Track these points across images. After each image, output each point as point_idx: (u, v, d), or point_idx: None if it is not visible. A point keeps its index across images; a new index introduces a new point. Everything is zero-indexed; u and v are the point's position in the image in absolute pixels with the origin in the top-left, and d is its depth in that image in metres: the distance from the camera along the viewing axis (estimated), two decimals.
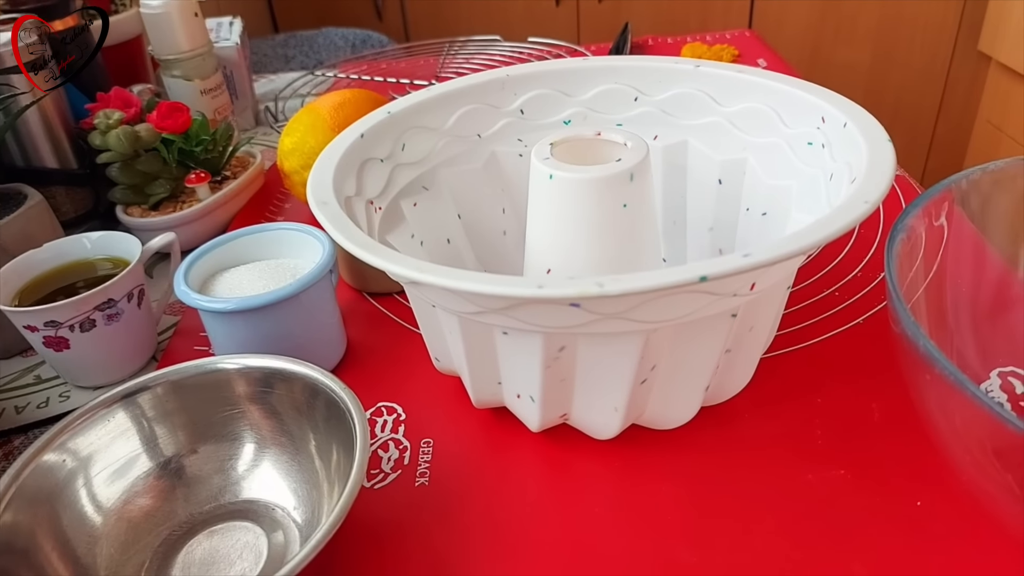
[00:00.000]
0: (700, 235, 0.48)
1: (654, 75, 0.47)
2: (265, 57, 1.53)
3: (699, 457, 0.39)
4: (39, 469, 0.35)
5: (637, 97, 0.47)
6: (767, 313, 0.37)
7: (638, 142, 0.39)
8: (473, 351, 0.37)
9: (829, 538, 0.34)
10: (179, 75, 0.76)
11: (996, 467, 0.29)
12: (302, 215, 0.65)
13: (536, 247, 0.40)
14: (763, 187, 0.43)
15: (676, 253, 0.49)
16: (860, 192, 0.31)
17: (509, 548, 0.35)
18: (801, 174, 0.41)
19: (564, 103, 0.48)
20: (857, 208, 0.30)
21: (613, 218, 0.38)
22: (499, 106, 0.48)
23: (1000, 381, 0.39)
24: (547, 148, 0.39)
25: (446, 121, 0.47)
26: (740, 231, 0.45)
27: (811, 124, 0.40)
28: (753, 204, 0.44)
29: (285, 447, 0.39)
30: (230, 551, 0.36)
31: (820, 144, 0.39)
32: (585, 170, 0.37)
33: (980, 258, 0.40)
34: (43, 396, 0.49)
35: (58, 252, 0.50)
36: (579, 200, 0.38)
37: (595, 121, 0.48)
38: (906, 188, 0.62)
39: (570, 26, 1.89)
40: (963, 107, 1.80)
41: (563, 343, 0.34)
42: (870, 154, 0.34)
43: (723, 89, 0.45)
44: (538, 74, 0.48)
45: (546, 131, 0.48)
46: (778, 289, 0.37)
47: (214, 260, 0.48)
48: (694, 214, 0.48)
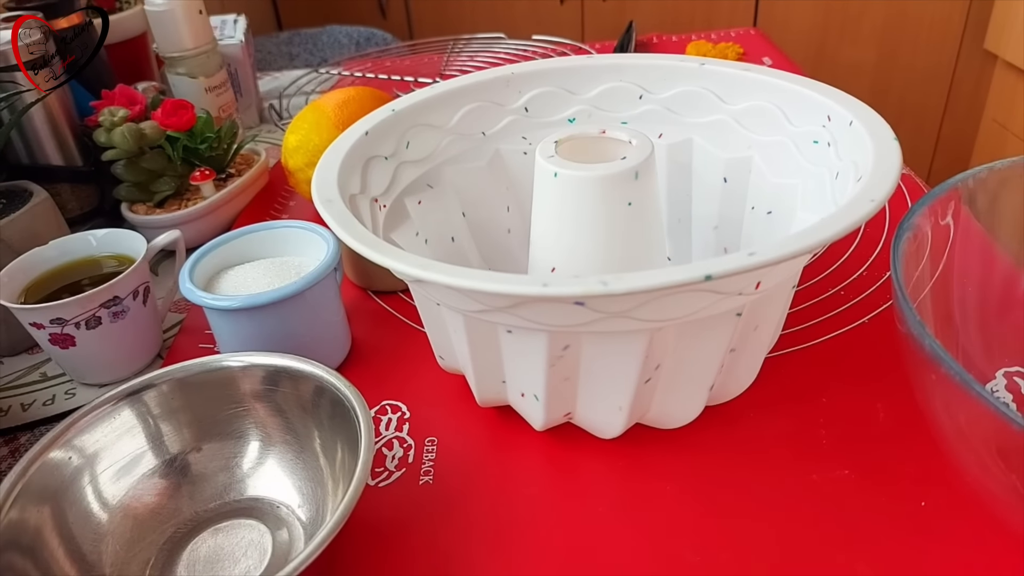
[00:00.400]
0: (705, 233, 0.48)
1: (659, 73, 0.47)
2: (269, 55, 1.53)
3: (703, 457, 0.39)
4: (45, 466, 0.35)
5: (642, 95, 0.47)
6: (772, 312, 0.37)
7: (643, 140, 0.39)
8: (477, 349, 0.37)
9: (833, 538, 0.34)
10: (184, 73, 0.76)
11: (1001, 467, 0.29)
12: (306, 213, 0.65)
13: (541, 245, 0.40)
14: (768, 185, 0.43)
15: (681, 251, 0.49)
16: (866, 191, 0.31)
17: (513, 546, 0.35)
18: (806, 172, 0.40)
19: (569, 101, 0.48)
20: (863, 207, 0.30)
21: (618, 216, 0.38)
22: (504, 104, 0.48)
23: (1006, 381, 0.39)
24: (552, 146, 0.39)
25: (450, 119, 0.47)
26: (745, 229, 0.45)
27: (817, 122, 0.40)
28: (758, 203, 0.44)
29: (290, 445, 0.39)
30: (235, 549, 0.36)
31: (826, 142, 0.39)
32: (590, 168, 0.37)
33: (986, 257, 0.40)
34: (49, 393, 0.49)
35: (64, 249, 0.50)
36: (584, 198, 0.38)
37: (600, 119, 0.48)
38: (912, 187, 0.61)
39: (574, 24, 1.89)
40: (969, 106, 1.80)
41: (567, 342, 0.34)
42: (876, 152, 0.34)
43: (728, 87, 0.45)
44: (543, 72, 0.48)
45: (551, 129, 0.48)
46: (783, 288, 0.37)
47: (219, 258, 0.48)
48: (699, 212, 0.48)
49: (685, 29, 1.72)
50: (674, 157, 0.47)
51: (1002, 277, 0.40)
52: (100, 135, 0.60)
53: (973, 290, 0.39)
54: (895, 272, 0.32)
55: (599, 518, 0.36)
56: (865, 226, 0.56)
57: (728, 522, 0.35)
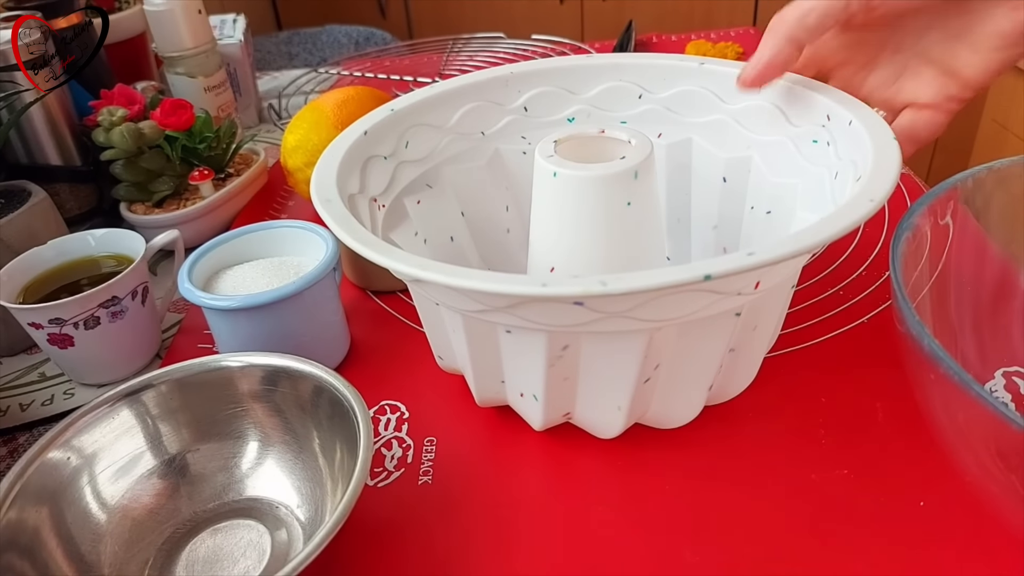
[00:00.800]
0: (704, 233, 0.48)
1: (658, 72, 0.47)
2: (269, 54, 1.53)
3: (702, 457, 0.39)
4: (44, 466, 0.35)
5: (641, 95, 0.47)
6: (771, 312, 0.37)
7: (642, 140, 0.39)
8: (476, 349, 0.37)
9: (832, 538, 0.34)
10: (183, 72, 0.76)
11: (1000, 467, 0.29)
12: (306, 212, 0.65)
13: (540, 245, 0.40)
14: (768, 185, 0.43)
15: (680, 251, 0.49)
16: (865, 191, 0.31)
17: (512, 546, 0.35)
18: (806, 172, 0.40)
19: (568, 100, 0.48)
20: (862, 207, 0.30)
21: (617, 216, 0.38)
22: (503, 103, 0.48)
23: (1004, 381, 0.39)
24: (551, 146, 0.39)
25: (450, 119, 0.47)
26: (745, 229, 0.45)
27: (816, 122, 0.40)
28: (758, 202, 0.44)
29: (289, 445, 0.39)
30: (234, 549, 0.36)
31: (825, 142, 0.39)
32: (589, 168, 0.37)
33: (985, 257, 0.40)
34: (48, 393, 0.49)
35: (62, 249, 0.50)
36: (583, 198, 0.37)
37: (599, 119, 0.48)
38: (911, 186, 0.61)
39: (574, 24, 1.89)
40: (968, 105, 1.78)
41: (566, 342, 0.34)
42: (875, 152, 0.34)
43: (727, 87, 0.44)
44: (542, 71, 0.48)
45: (550, 128, 0.48)
46: (782, 288, 0.37)
47: (218, 258, 0.48)
48: (698, 212, 0.48)
49: (684, 28, 1.72)
50: (673, 157, 0.47)
51: (1001, 277, 0.40)
52: (99, 135, 0.60)
53: (972, 290, 0.39)
54: (894, 272, 0.32)
55: (598, 518, 0.36)
56: (864, 226, 0.56)
57: (727, 522, 0.35)
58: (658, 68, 0.47)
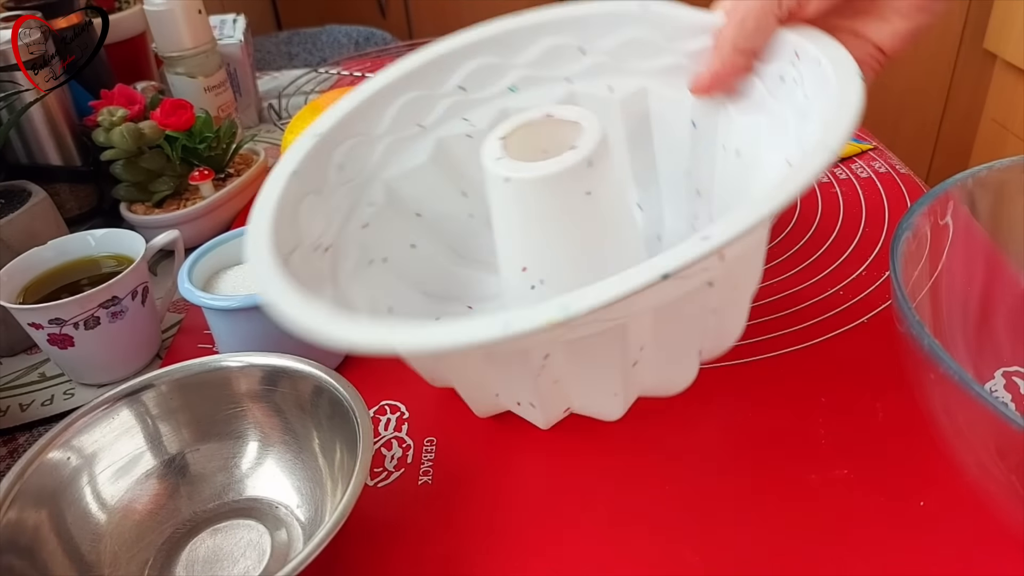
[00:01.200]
0: (676, 179, 0.45)
1: (597, 22, 0.43)
2: (269, 54, 1.53)
3: (702, 457, 0.39)
4: (43, 467, 0.35)
5: (584, 49, 0.44)
6: (747, 270, 0.36)
7: (590, 119, 0.37)
8: (461, 376, 0.37)
9: (832, 538, 0.34)
10: (183, 72, 0.76)
11: (1000, 467, 0.29)
12: None
13: (507, 249, 0.39)
14: (736, 125, 0.41)
15: (652, 201, 0.47)
16: (823, 141, 0.29)
17: (512, 546, 0.35)
18: (772, 111, 0.38)
19: (505, 69, 0.45)
20: (820, 157, 0.28)
21: (579, 208, 0.37)
22: (435, 89, 0.44)
23: (1004, 381, 0.39)
24: (498, 146, 0.37)
25: (380, 123, 0.43)
26: (718, 171, 0.42)
27: (785, 59, 0.38)
28: (728, 142, 0.41)
29: (288, 445, 0.39)
30: (233, 549, 0.36)
31: (792, 79, 0.37)
32: (541, 166, 0.35)
33: (985, 257, 0.40)
34: (48, 394, 0.49)
35: (62, 249, 0.50)
36: (540, 198, 0.36)
37: (542, 82, 0.45)
38: (911, 186, 0.61)
39: None
40: (968, 105, 1.79)
41: (546, 351, 0.33)
42: (840, 94, 0.32)
43: (677, 27, 0.41)
44: (471, 45, 0.44)
45: (492, 103, 0.45)
46: (753, 250, 0.35)
47: (218, 258, 0.48)
48: (667, 160, 0.45)
49: None
50: (630, 109, 0.44)
51: (1001, 277, 0.40)
52: (99, 135, 0.60)
53: (972, 290, 0.39)
54: (894, 272, 0.32)
55: (598, 518, 0.36)
56: (864, 225, 0.56)
57: (728, 522, 0.35)
58: (596, 17, 0.43)
